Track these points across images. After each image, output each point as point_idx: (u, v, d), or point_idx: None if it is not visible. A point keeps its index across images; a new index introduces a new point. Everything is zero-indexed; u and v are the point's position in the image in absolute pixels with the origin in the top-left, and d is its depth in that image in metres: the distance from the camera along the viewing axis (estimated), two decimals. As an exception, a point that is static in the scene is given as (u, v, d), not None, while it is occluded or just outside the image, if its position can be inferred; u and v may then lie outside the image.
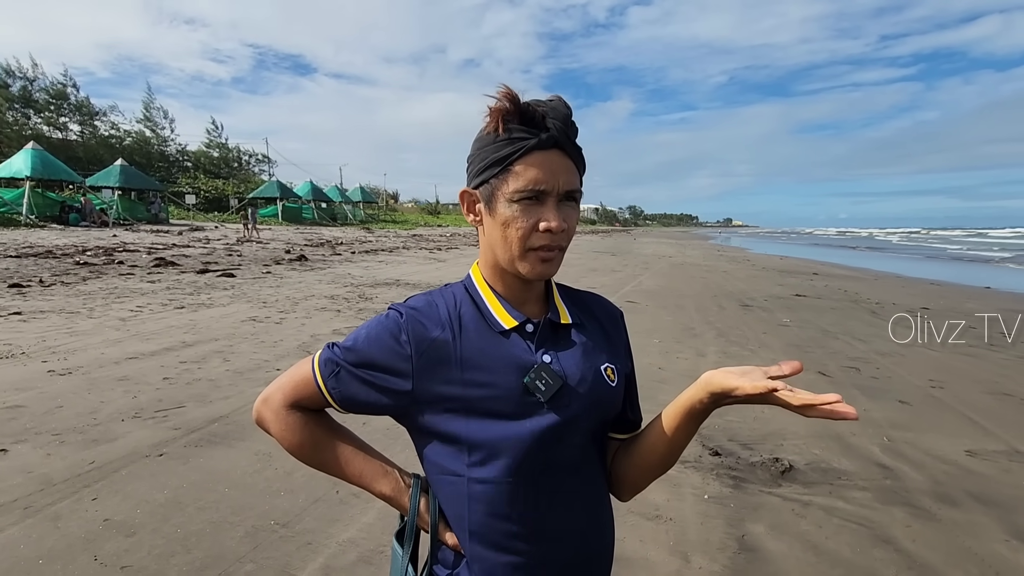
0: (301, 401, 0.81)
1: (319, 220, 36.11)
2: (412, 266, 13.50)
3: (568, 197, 0.74)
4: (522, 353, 0.76)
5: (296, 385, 0.81)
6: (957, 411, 4.00)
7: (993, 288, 12.15)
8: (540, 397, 0.74)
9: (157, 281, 8.88)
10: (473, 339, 0.76)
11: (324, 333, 5.68)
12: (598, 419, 0.80)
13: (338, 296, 8.16)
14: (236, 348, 4.97)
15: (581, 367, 0.78)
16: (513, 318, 0.78)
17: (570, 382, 0.76)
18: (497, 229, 0.75)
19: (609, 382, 0.80)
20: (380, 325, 0.78)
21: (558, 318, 0.81)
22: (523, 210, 0.72)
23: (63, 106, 38.31)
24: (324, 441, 0.83)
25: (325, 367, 0.79)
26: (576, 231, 0.77)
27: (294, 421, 0.82)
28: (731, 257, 22.02)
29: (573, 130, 0.75)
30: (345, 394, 0.78)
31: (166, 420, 3.30)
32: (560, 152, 0.73)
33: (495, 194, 0.74)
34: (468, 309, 0.79)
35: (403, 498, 0.81)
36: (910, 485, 2.80)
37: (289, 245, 17.98)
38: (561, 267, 0.77)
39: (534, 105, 0.72)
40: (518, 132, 0.71)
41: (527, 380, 0.74)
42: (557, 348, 0.79)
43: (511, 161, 0.72)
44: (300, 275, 10.66)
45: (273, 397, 0.83)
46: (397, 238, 26.70)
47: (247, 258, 13.28)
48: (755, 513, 2.46)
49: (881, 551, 2.19)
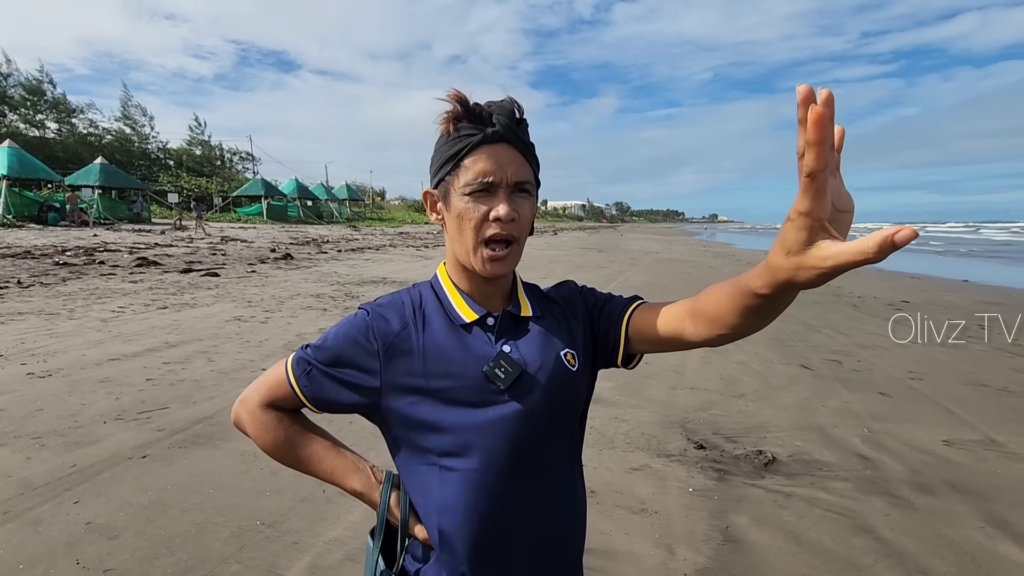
0: (276, 401, 0.84)
1: (305, 218, 35.75)
2: (399, 264, 13.44)
3: (519, 189, 0.76)
4: (483, 344, 0.79)
5: (271, 386, 0.84)
6: (935, 402, 4.09)
7: (971, 281, 12.40)
8: (500, 385, 0.76)
9: (139, 281, 8.75)
10: (435, 332, 0.79)
11: (310, 332, 5.64)
12: (561, 403, 0.82)
13: (324, 295, 8.11)
14: (221, 348, 4.92)
15: (540, 354, 0.81)
16: (474, 311, 0.81)
17: (529, 369, 0.79)
18: (454, 223, 0.78)
19: (569, 367, 0.82)
20: (348, 324, 0.81)
21: (519, 311, 0.84)
22: (474, 202, 0.75)
23: (39, 103, 37.49)
24: (297, 440, 0.85)
25: (297, 367, 0.81)
26: (564, 228, 0.78)
27: (268, 420, 0.84)
28: (717, 253, 22.21)
29: (522, 126, 0.77)
30: (317, 393, 0.81)
31: (149, 421, 3.26)
32: (507, 145, 0.75)
33: (449, 190, 0.77)
34: (432, 305, 0.82)
35: (374, 493, 0.83)
36: (889, 475, 2.86)
37: (274, 244, 17.80)
38: (548, 265, 0.78)
39: (482, 105, 0.76)
40: (466, 130, 0.75)
41: (486, 369, 0.76)
42: (517, 338, 0.82)
43: (460, 157, 0.75)
44: (286, 274, 10.56)
45: (249, 398, 0.85)
46: (384, 236, 26.56)
47: (231, 257, 13.13)
48: (739, 505, 2.50)
49: (861, 540, 2.24)
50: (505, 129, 0.75)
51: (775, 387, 4.33)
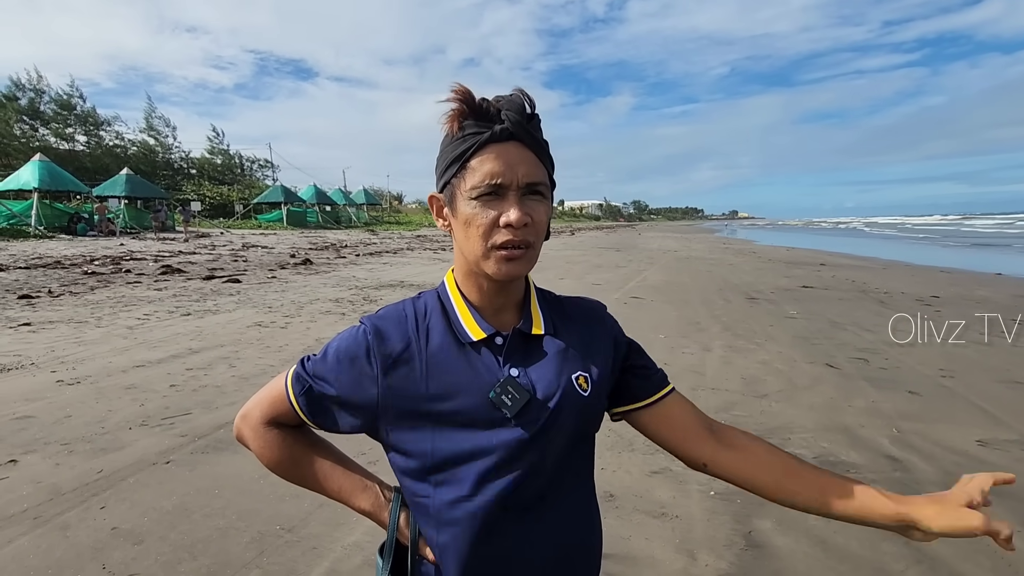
0: (278, 417, 0.80)
1: (323, 223, 36.24)
2: (416, 267, 13.52)
3: (531, 190, 0.70)
4: (490, 367, 0.74)
5: (272, 402, 0.80)
6: (968, 400, 3.96)
7: (1004, 274, 12.01)
8: (506, 412, 0.71)
9: (164, 289, 8.94)
10: (439, 351, 0.74)
11: (329, 337, 5.66)
12: (571, 431, 0.76)
13: (343, 299, 8.19)
14: (242, 354, 5.00)
15: (550, 379, 0.75)
16: (482, 330, 0.75)
17: (538, 395, 0.73)
18: (461, 229, 0.72)
19: (580, 391, 0.76)
20: (348, 340, 0.76)
21: (530, 328, 0.78)
22: (483, 206, 0.69)
23: (69, 117, 38.71)
24: (302, 458, 0.82)
25: (296, 383, 0.78)
26: (581, 228, 0.75)
27: (272, 438, 0.81)
28: (737, 250, 21.89)
29: (534, 122, 0.71)
30: (315, 411, 0.77)
31: (173, 427, 3.32)
32: (518, 144, 0.69)
33: (455, 193, 0.72)
34: (437, 320, 0.77)
35: (383, 513, 0.80)
36: (920, 477, 2.77)
37: (294, 249, 18.06)
38: (565, 266, 0.76)
39: (490, 100, 0.70)
40: (472, 128, 0.69)
41: (492, 395, 0.71)
42: (526, 361, 0.76)
43: (467, 157, 0.69)
44: (305, 279, 10.70)
45: (251, 413, 0.82)
46: (401, 239, 26.75)
47: (252, 263, 13.35)
48: (762, 509, 2.44)
49: (890, 545, 2.17)
50: (515, 126, 0.68)
51: (799, 387, 4.23)
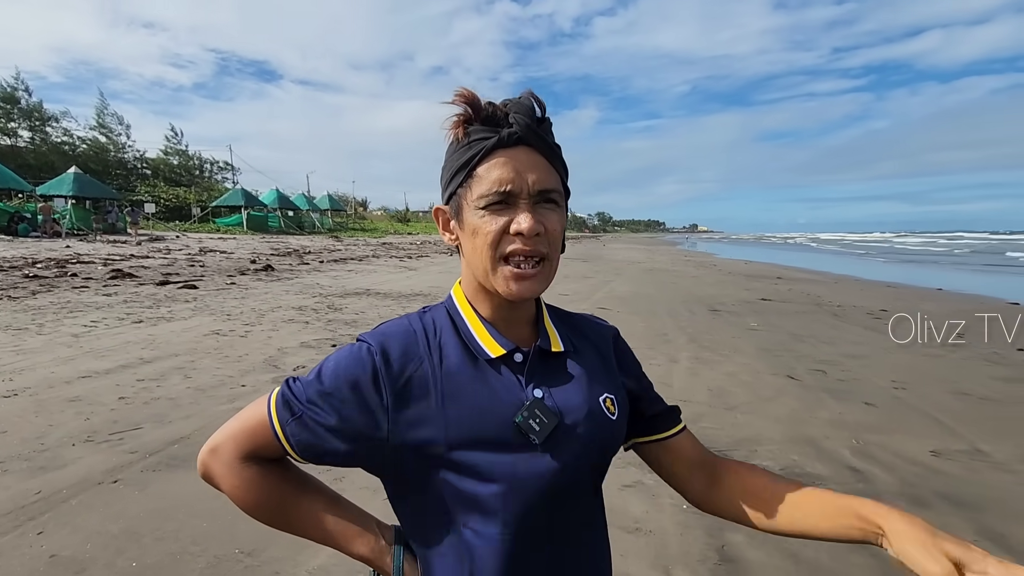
0: (257, 451, 0.69)
1: (286, 229, 35.33)
2: (383, 275, 13.29)
3: (544, 198, 0.66)
4: (511, 387, 0.68)
5: (250, 432, 0.69)
6: (920, 411, 4.12)
7: (944, 289, 12.67)
8: (534, 439, 0.65)
9: (113, 294, 8.49)
10: (455, 371, 0.67)
11: (291, 346, 5.50)
12: (600, 457, 0.72)
13: (306, 307, 7.95)
14: (198, 364, 4.76)
15: (578, 401, 0.70)
16: (500, 345, 0.69)
17: (567, 419, 0.68)
18: (468, 241, 0.67)
19: (609, 415, 0.71)
20: (348, 359, 0.67)
21: (549, 345, 0.72)
22: (491, 216, 0.64)
23: (12, 111, 36.60)
24: (287, 499, 0.72)
25: (283, 409, 0.67)
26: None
27: (249, 476, 0.69)
28: (699, 262, 22.44)
29: (545, 125, 0.67)
30: (307, 442, 0.67)
31: (121, 443, 3.11)
32: (528, 148, 0.65)
33: (462, 204, 0.67)
34: (449, 337, 0.70)
35: (384, 558, 0.71)
36: (882, 488, 2.84)
37: (255, 254, 17.51)
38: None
39: (496, 104, 0.66)
40: (478, 133, 0.65)
41: (519, 419, 0.65)
42: (549, 380, 0.70)
43: (473, 164, 0.65)
44: (266, 286, 10.36)
45: (223, 447, 0.70)
46: (367, 246, 26.34)
47: (210, 269, 12.86)
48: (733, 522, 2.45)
49: (859, 557, 2.20)
50: (524, 129, 0.64)
51: (764, 398, 4.32)
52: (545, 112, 0.67)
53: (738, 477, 0.76)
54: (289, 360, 4.96)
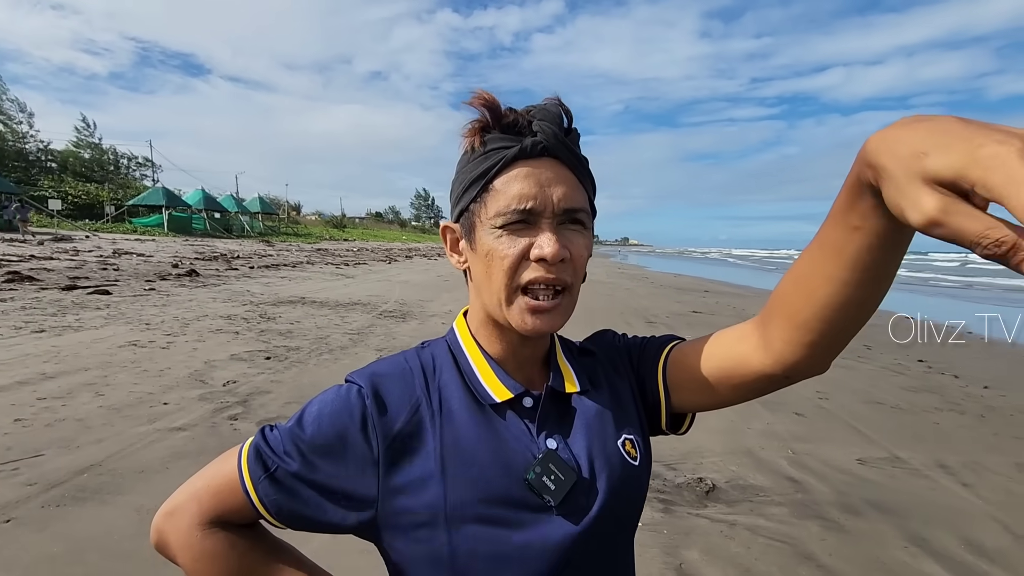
0: (225, 515, 0.59)
1: (211, 231, 33.34)
2: (318, 282, 12.76)
3: (570, 218, 0.58)
4: (520, 437, 0.60)
5: (216, 492, 0.58)
6: (842, 420, 4.38)
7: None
8: (549, 500, 0.56)
9: (9, 299, 7.61)
10: (458, 419, 0.59)
11: (220, 359, 5.12)
12: (623, 512, 0.63)
13: (236, 316, 7.46)
14: (112, 379, 4.33)
15: (596, 450, 0.62)
16: (508, 388, 0.61)
17: (584, 473, 0.60)
18: (481, 266, 0.59)
19: (631, 461, 0.63)
20: (335, 403, 0.58)
21: (562, 386, 0.64)
22: (509, 237, 0.56)
23: None
24: (258, 570, 0.61)
25: (255, 464, 0.57)
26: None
27: (213, 547, 0.58)
28: (631, 275, 23.14)
29: (572, 136, 0.59)
30: (287, 507, 0.57)
31: (16, 474, 2.74)
32: (553, 160, 0.57)
33: (475, 222, 0.59)
34: (451, 377, 0.62)
35: None
36: (818, 497, 2.98)
37: (177, 258, 16.34)
38: (465, 288, 0.64)
39: (520, 110, 0.58)
40: (497, 142, 0.57)
41: (531, 477, 0.57)
42: (564, 427, 0.62)
43: (490, 177, 0.57)
44: (191, 292, 9.67)
45: (183, 510, 0.59)
46: (301, 252, 25.30)
47: (126, 273, 11.85)
48: (688, 538, 2.48)
49: (805, 569, 2.28)
50: (550, 138, 0.56)
51: (703, 411, 4.46)
52: (572, 122, 0.59)
53: (772, 313, 0.56)
54: (218, 374, 4.61)
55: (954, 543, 2.52)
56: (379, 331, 6.93)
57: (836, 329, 0.51)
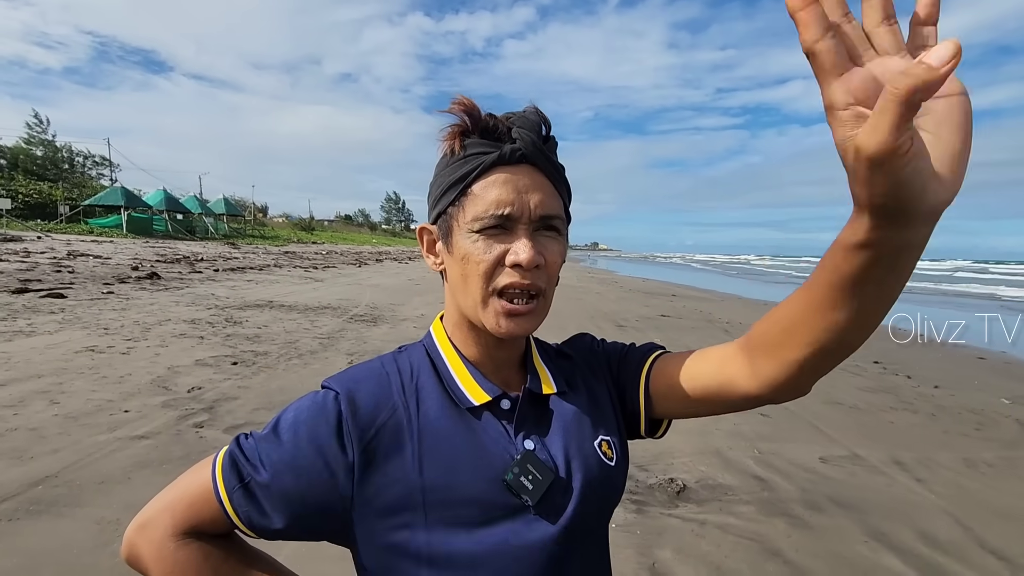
0: (199, 525, 0.58)
1: (173, 233, 32.30)
2: (286, 286, 12.50)
3: (545, 224, 0.60)
4: (499, 439, 0.60)
5: (190, 502, 0.58)
6: (805, 420, 4.53)
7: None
8: (527, 500, 0.58)
9: (-47, 304, 7.22)
10: (435, 423, 0.59)
11: (184, 364, 4.96)
12: (599, 511, 0.65)
13: (200, 320, 7.25)
14: (68, 386, 4.15)
15: (572, 450, 0.63)
16: (485, 391, 0.62)
17: (562, 473, 0.61)
18: (457, 269, 0.60)
19: (607, 461, 0.65)
20: (311, 409, 0.58)
21: (539, 388, 0.66)
22: (485, 241, 0.58)
23: None
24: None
25: (230, 474, 0.57)
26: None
27: (187, 557, 0.57)
28: (601, 279, 23.40)
29: (550, 144, 0.61)
30: (261, 516, 0.56)
31: (-34, 486, 2.60)
32: (531, 168, 0.59)
33: (452, 225, 0.60)
34: (428, 380, 0.63)
35: None
36: (783, 495, 3.07)
37: (137, 260, 15.76)
38: (438, 291, 0.66)
39: (500, 116, 0.60)
40: (477, 147, 0.58)
41: (509, 478, 0.58)
42: (541, 428, 0.64)
43: (469, 181, 0.58)
44: (152, 295, 9.34)
45: (156, 522, 0.58)
46: (267, 255, 24.73)
47: (82, 275, 11.37)
48: (660, 538, 2.53)
49: (773, 565, 2.35)
50: (529, 146, 0.58)
51: (674, 412, 4.55)
52: (550, 130, 0.61)
53: (762, 340, 0.58)
54: (182, 380, 4.47)
55: (910, 536, 2.63)
56: (350, 335, 6.83)
57: (825, 357, 0.52)
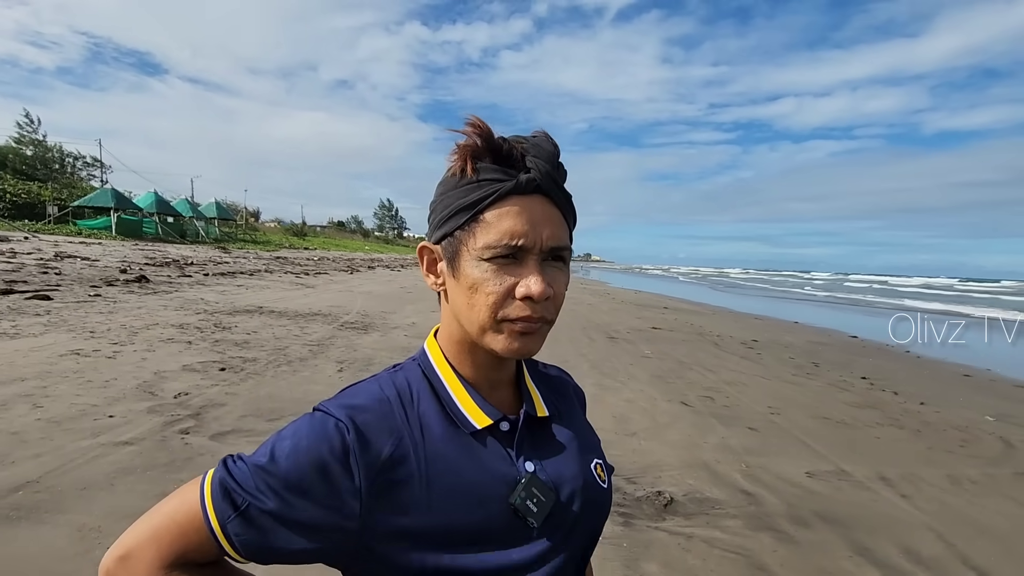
0: (187, 555, 0.55)
1: (164, 236, 32.00)
2: (277, 292, 12.43)
3: (554, 256, 0.60)
4: (501, 462, 0.61)
5: (177, 531, 0.55)
6: (793, 435, 4.57)
7: (800, 322, 14.34)
8: (532, 522, 0.59)
9: (-64, 304, 7.11)
10: (440, 449, 0.59)
11: (171, 369, 4.92)
12: (595, 533, 0.67)
13: (189, 325, 7.18)
14: (52, 390, 4.09)
15: (571, 472, 0.65)
16: (487, 415, 0.62)
17: (563, 495, 0.63)
18: (462, 294, 0.59)
19: (601, 484, 0.68)
20: (312, 437, 0.57)
21: (535, 410, 0.67)
22: (495, 271, 0.57)
23: None
24: None
25: (222, 502, 0.54)
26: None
27: None
28: (593, 291, 23.49)
29: (561, 173, 0.61)
30: (255, 542, 0.55)
31: (-55, 491, 2.56)
32: (544, 199, 0.59)
33: (460, 250, 0.59)
34: (429, 404, 0.62)
35: None
36: (770, 510, 3.09)
37: (125, 263, 15.60)
38: (435, 303, 0.67)
39: (512, 141, 0.59)
40: (490, 173, 0.57)
41: (516, 501, 0.58)
42: (540, 452, 0.65)
43: (481, 208, 0.57)
44: (140, 299, 9.25)
45: (139, 554, 0.54)
46: (258, 260, 24.58)
47: (69, 277, 11.23)
48: (647, 551, 2.53)
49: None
50: (543, 177, 0.58)
51: (662, 424, 4.56)
52: (560, 157, 0.61)
53: None
54: (169, 386, 4.43)
55: (894, 552, 2.66)
56: (340, 343, 6.80)
57: None
